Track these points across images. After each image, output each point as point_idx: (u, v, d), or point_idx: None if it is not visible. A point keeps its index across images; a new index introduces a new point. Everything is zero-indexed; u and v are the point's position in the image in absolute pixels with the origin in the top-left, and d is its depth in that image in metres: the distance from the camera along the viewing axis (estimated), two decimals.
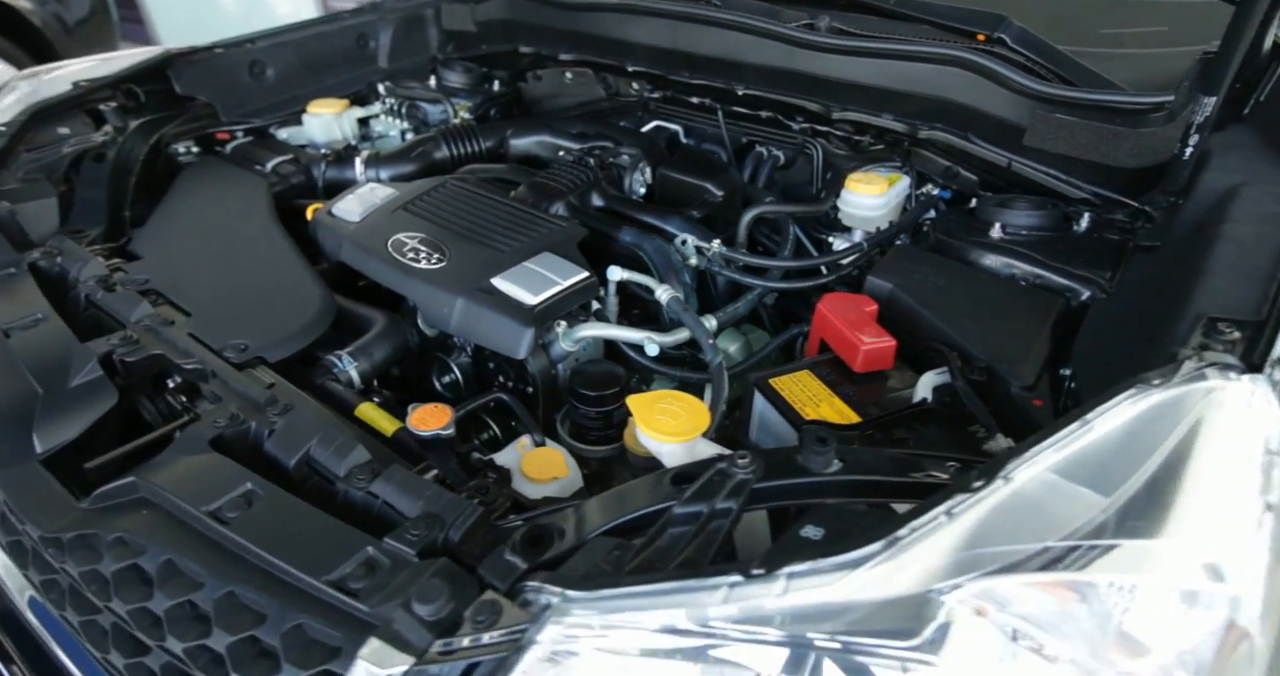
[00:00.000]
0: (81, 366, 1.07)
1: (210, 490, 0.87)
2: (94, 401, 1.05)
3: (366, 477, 0.90)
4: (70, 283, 1.28)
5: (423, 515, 0.83)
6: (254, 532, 0.82)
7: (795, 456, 0.79)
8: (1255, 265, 0.99)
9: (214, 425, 0.97)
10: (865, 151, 1.71)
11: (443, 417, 1.02)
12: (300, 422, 0.96)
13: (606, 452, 1.20)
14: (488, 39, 2.19)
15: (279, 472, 0.94)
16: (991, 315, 1.20)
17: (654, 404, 0.94)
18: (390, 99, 2.12)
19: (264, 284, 1.31)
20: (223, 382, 1.06)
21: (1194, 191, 1.23)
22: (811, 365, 1.17)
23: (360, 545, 0.80)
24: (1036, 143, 1.40)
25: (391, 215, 1.42)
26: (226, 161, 1.82)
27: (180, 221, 1.52)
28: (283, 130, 2.05)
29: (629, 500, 0.81)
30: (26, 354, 1.08)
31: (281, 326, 1.19)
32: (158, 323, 1.15)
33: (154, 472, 0.91)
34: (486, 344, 1.23)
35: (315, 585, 0.77)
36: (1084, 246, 1.35)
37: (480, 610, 0.67)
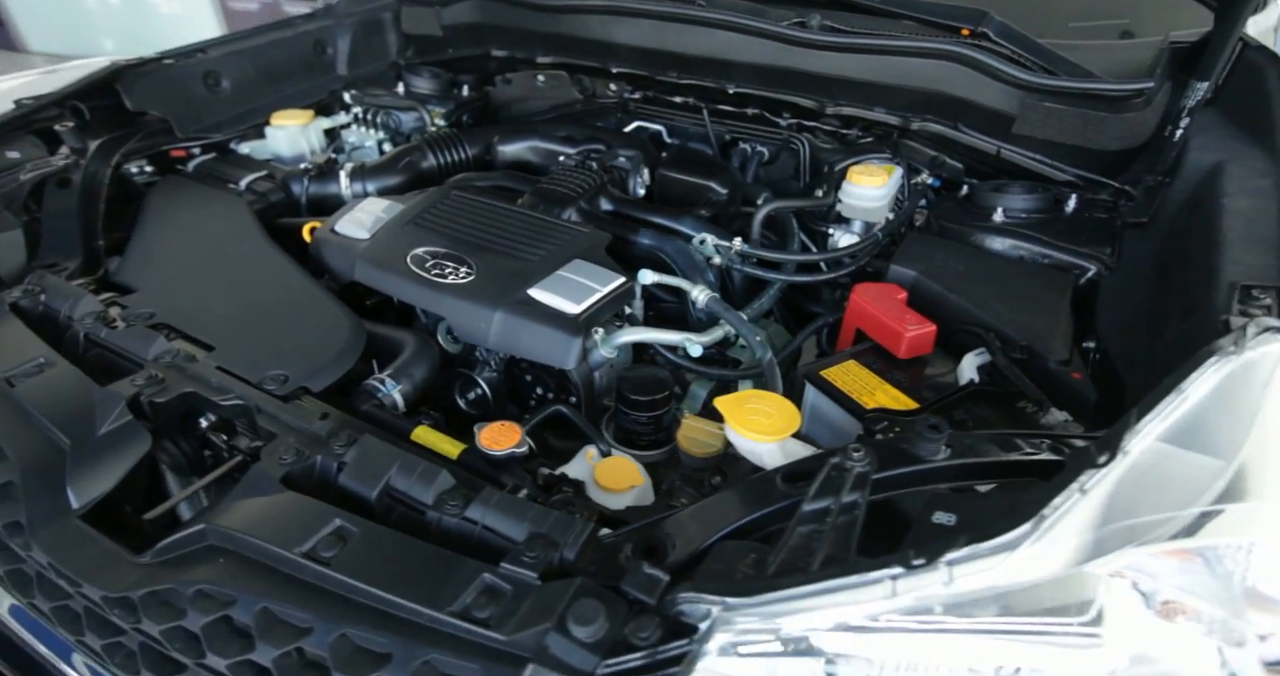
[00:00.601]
0: (107, 412, 0.99)
1: (298, 530, 0.83)
2: (126, 448, 0.98)
3: (459, 503, 0.87)
4: (63, 322, 1.19)
5: (532, 536, 0.82)
6: (358, 570, 0.79)
7: (902, 445, 0.81)
8: (1262, 235, 1.08)
9: (280, 462, 0.92)
10: (853, 145, 1.77)
11: (514, 435, 1.00)
12: (373, 453, 0.93)
13: (657, 457, 1.20)
14: (455, 43, 2.13)
15: (359, 506, 0.91)
16: (1014, 295, 1.26)
17: (742, 405, 0.95)
18: (359, 108, 2.04)
19: (281, 310, 1.25)
20: (272, 417, 1.01)
21: (1180, 170, 1.33)
22: (855, 355, 1.21)
23: (474, 573, 0.78)
24: (1026, 130, 1.48)
25: (403, 230, 1.38)
26: (192, 181, 1.71)
27: (166, 248, 1.42)
28: (244, 145, 1.94)
29: (743, 502, 0.82)
30: (41, 403, 1.00)
31: (314, 353, 1.14)
32: (181, 358, 1.08)
33: (226, 517, 0.86)
34: (530, 356, 1.21)
35: (438, 618, 0.75)
36: (1078, 225, 1.44)
37: (641, 627, 0.67)
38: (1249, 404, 0.73)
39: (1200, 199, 1.26)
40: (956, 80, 1.49)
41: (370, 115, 2.00)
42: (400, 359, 1.20)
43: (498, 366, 1.33)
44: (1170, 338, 1.03)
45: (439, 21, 2.09)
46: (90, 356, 1.14)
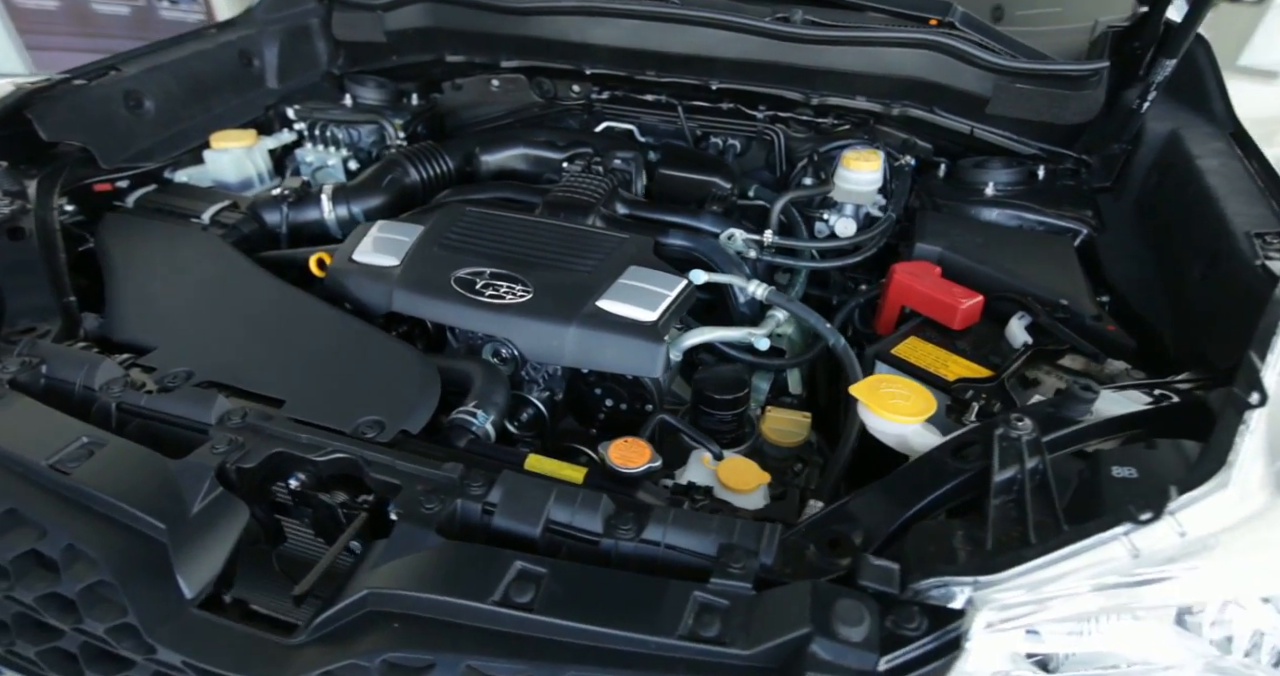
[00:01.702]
0: (196, 486, 0.88)
1: (478, 580, 0.79)
2: (226, 524, 0.88)
3: (631, 526, 0.85)
4: (79, 394, 1.03)
5: (724, 548, 0.82)
6: (564, 610, 0.76)
7: (1050, 409, 0.88)
8: (1244, 188, 1.25)
9: (426, 512, 0.86)
10: (827, 133, 1.85)
11: (644, 451, 0.99)
12: (522, 489, 0.88)
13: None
14: (401, 49, 2.01)
15: (520, 546, 0.86)
16: (1032, 260, 1.38)
17: (877, 390, 0.98)
18: (304, 124, 1.89)
19: (334, 351, 1.15)
20: (386, 467, 0.93)
21: (1142, 138, 1.50)
22: (913, 331, 1.28)
23: (684, 593, 0.77)
24: (1000, 110, 1.61)
25: (434, 253, 1.30)
26: (144, 219, 1.52)
27: (158, 296, 1.26)
28: (180, 173, 1.75)
29: (918, 483, 0.85)
30: (110, 487, 0.88)
31: (393, 393, 1.06)
32: (255, 417, 0.98)
33: (388, 578, 0.80)
34: (611, 368, 1.19)
35: (668, 644, 0.74)
36: (1056, 193, 1.59)
37: (905, 618, 0.69)
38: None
39: (1170, 162, 1.43)
40: (934, 67, 1.60)
41: (323, 131, 1.86)
42: (477, 387, 1.13)
43: (548, 384, 1.29)
44: (1199, 283, 1.16)
45: (382, 27, 1.96)
46: (131, 428, 1.00)
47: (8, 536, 0.86)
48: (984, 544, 0.74)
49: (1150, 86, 1.45)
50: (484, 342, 1.27)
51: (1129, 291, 1.30)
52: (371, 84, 1.99)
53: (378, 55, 2.05)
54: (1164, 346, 1.18)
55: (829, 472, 1.13)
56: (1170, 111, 1.53)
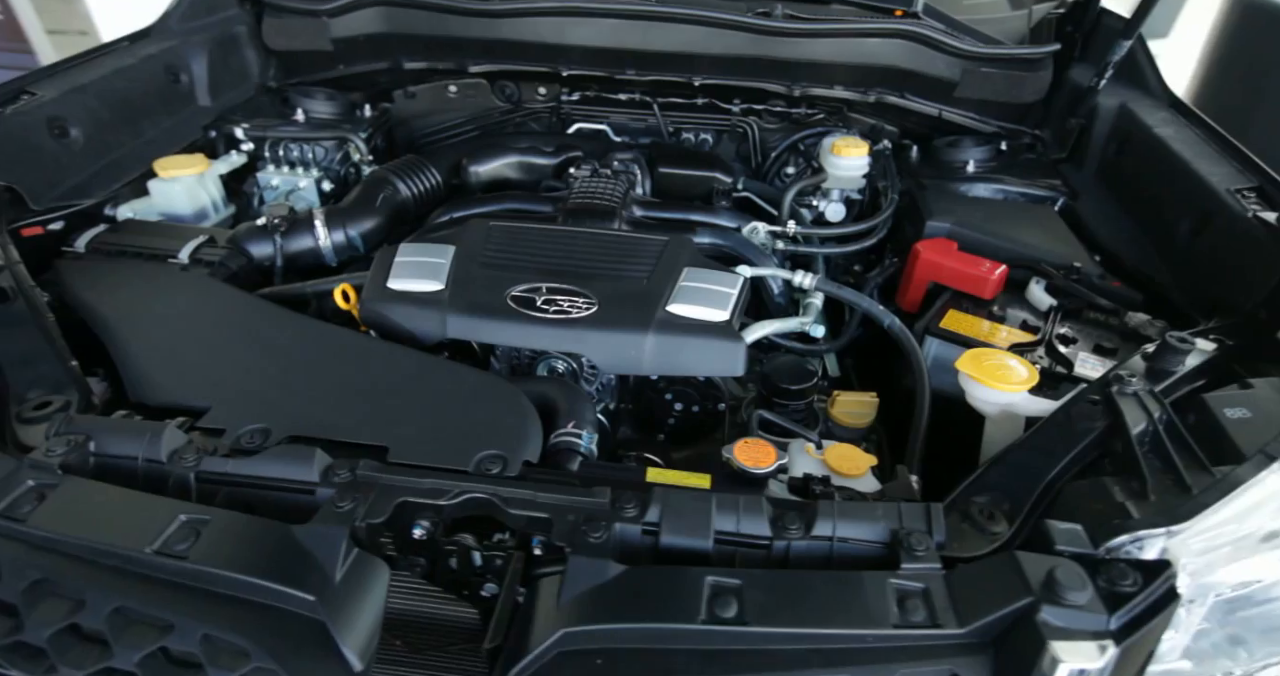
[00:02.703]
0: (332, 551, 0.80)
1: (681, 602, 0.77)
2: (372, 585, 0.81)
3: (799, 525, 0.86)
4: (144, 469, 0.91)
5: (896, 531, 0.84)
6: (773, 617, 0.76)
7: (1148, 362, 0.97)
8: (1203, 152, 1.41)
9: (594, 542, 0.83)
10: (800, 122, 1.91)
11: (770, 450, 0.99)
12: (680, 504, 0.87)
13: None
14: (350, 57, 1.88)
15: (690, 561, 0.85)
16: (1029, 228, 1.50)
17: (981, 362, 1.03)
18: (271, 146, 1.73)
19: (407, 388, 1.07)
20: (526, 502, 0.89)
21: (1096, 113, 1.66)
22: (950, 304, 1.35)
23: (880, 583, 0.79)
24: (967, 93, 1.72)
25: (478, 272, 1.24)
26: (106, 263, 1.35)
27: (177, 349, 1.12)
28: (124, 207, 1.56)
29: (1053, 445, 0.91)
30: (241, 566, 0.78)
31: (493, 424, 1.01)
32: (368, 468, 0.90)
33: (579, 615, 0.77)
34: (692, 371, 1.18)
35: (886, 635, 0.75)
36: (1023, 166, 1.73)
37: (1118, 575, 0.72)
38: None
39: (1128, 132, 1.59)
40: (908, 55, 1.69)
41: (287, 152, 1.71)
42: (568, 407, 1.10)
43: (601, 395, 1.27)
44: (1190, 238, 1.31)
45: (327, 34, 1.82)
46: (221, 498, 0.90)
47: (125, 637, 0.75)
48: (1145, 495, 0.81)
49: (1108, 65, 1.60)
50: (533, 361, 1.23)
51: (1117, 250, 1.44)
52: (321, 96, 1.85)
53: (321, 65, 1.91)
54: (1168, 297, 1.31)
55: (912, 447, 1.18)
56: (1112, 88, 1.69)
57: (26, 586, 0.77)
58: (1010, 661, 0.71)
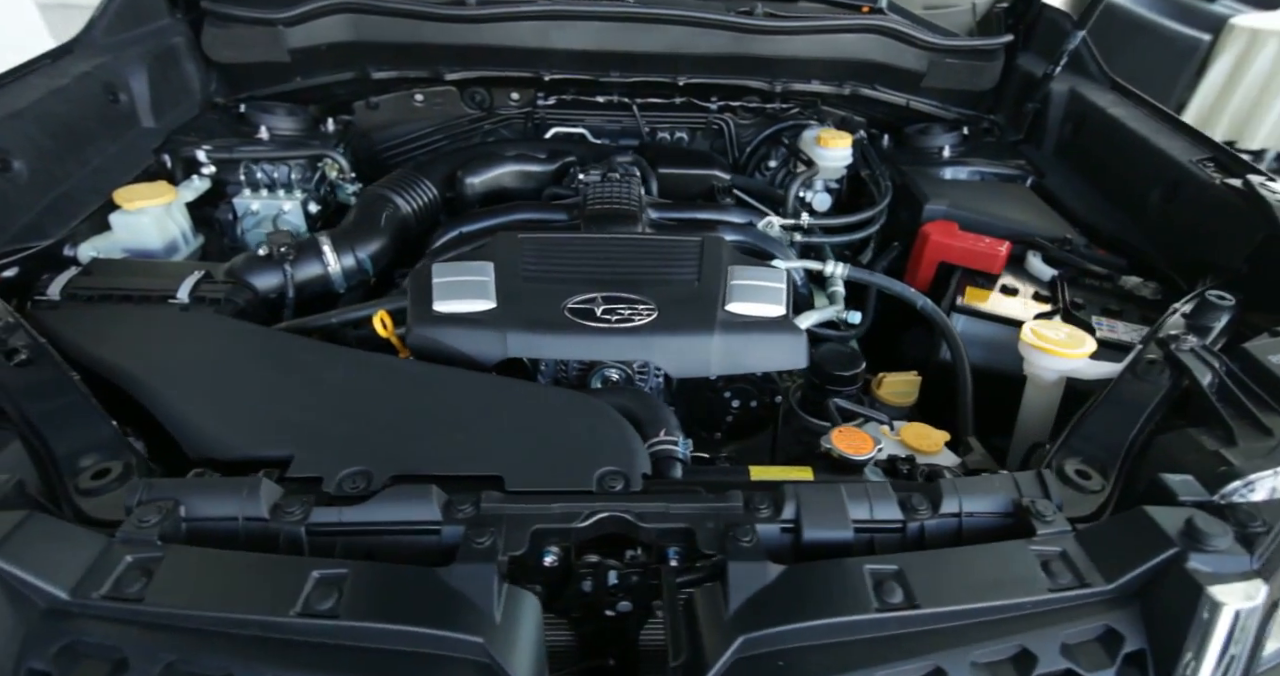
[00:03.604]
0: (485, 589, 0.77)
1: (849, 595, 0.79)
2: (528, 619, 0.78)
3: (927, 505, 0.90)
4: (245, 529, 0.83)
5: (1017, 501, 0.89)
6: (945, 597, 0.79)
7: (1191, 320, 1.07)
8: (1156, 128, 1.56)
9: (745, 546, 0.83)
10: (774, 117, 1.96)
11: (866, 437, 1.03)
12: (815, 499, 0.88)
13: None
14: (308, 68, 1.76)
15: (832, 552, 0.87)
16: (1013, 206, 1.61)
17: (1044, 334, 1.10)
18: (244, 168, 1.60)
19: (490, 412, 1.02)
20: (659, 515, 0.88)
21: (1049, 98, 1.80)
22: (965, 281, 1.43)
23: (1019, 551, 0.84)
24: (933, 83, 1.83)
25: (526, 287, 1.20)
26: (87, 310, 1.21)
27: (226, 397, 1.02)
28: (84, 246, 1.40)
29: (1130, 405, 0.99)
30: (401, 618, 0.74)
31: (594, 440, 0.99)
32: (491, 500, 0.86)
33: (754, 619, 0.77)
34: (757, 368, 1.20)
35: (1041, 600, 0.80)
36: (987, 148, 1.85)
37: (1246, 519, 0.79)
38: None
39: (1083, 114, 1.73)
40: (880, 48, 1.77)
41: (267, 175, 1.58)
42: (653, 416, 1.09)
43: (690, 390, 1.28)
44: (1163, 206, 1.45)
45: (284, 45, 1.70)
46: (340, 549, 0.83)
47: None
48: (1232, 441, 0.89)
49: (1063, 53, 1.74)
50: (582, 372, 1.21)
51: (1092, 221, 1.57)
52: (281, 112, 1.72)
53: (275, 77, 1.78)
54: (1148, 261, 1.45)
55: (963, 419, 1.25)
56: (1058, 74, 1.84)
57: (160, 671, 0.70)
58: (1161, 610, 0.77)
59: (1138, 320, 1.33)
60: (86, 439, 0.90)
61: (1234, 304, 1.08)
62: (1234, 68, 4.18)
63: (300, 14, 1.65)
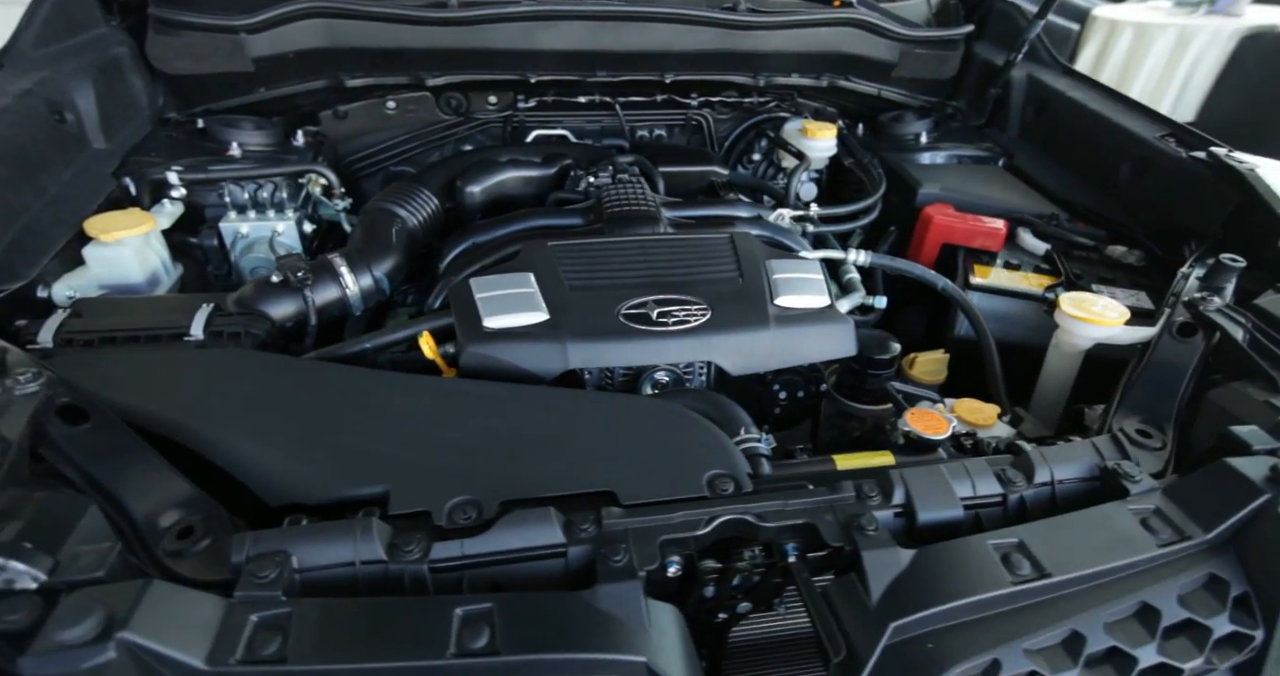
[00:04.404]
0: (634, 610, 0.74)
1: (982, 571, 0.81)
2: (677, 632, 0.77)
3: (1021, 477, 0.94)
4: (365, 572, 0.78)
5: (1102, 464, 0.95)
6: (1068, 565, 0.82)
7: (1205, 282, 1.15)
8: (1114, 108, 1.67)
9: (871, 536, 0.84)
10: (750, 110, 1.99)
11: (940, 418, 1.06)
12: (923, 483, 0.90)
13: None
14: (276, 78, 1.64)
15: (945, 533, 0.89)
16: (995, 186, 1.69)
17: (1082, 305, 1.17)
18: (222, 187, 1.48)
19: (575, 427, 0.99)
20: (776, 513, 0.88)
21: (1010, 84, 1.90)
22: (970, 260, 1.50)
23: (1119, 512, 0.88)
24: (904, 72, 1.89)
25: (574, 296, 1.17)
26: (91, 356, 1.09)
27: (290, 437, 0.95)
28: (58, 285, 1.27)
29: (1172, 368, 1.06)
30: (560, 645, 0.71)
31: (688, 444, 0.97)
32: (612, 516, 0.84)
33: (899, 606, 0.78)
34: (811, 359, 1.21)
35: (1152, 557, 0.84)
36: (957, 132, 1.94)
37: None
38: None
39: (1044, 98, 1.84)
40: (855, 41, 1.82)
41: (254, 196, 1.47)
42: (726, 414, 1.09)
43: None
44: (1133, 180, 1.55)
45: (247, 53, 1.58)
46: (467, 582, 0.79)
47: None
48: (1279, 390, 0.97)
49: (1024, 42, 1.84)
50: (629, 378, 1.19)
51: (1066, 197, 1.68)
52: (249, 126, 1.61)
53: (236, 88, 1.65)
54: (1125, 231, 1.56)
55: (998, 390, 1.31)
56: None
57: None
58: (1258, 554, 0.84)
59: (1131, 286, 1.43)
60: (162, 496, 0.82)
61: (1245, 265, 1.17)
62: (1098, 56, 4.56)
63: (266, 20, 1.54)
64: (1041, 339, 1.40)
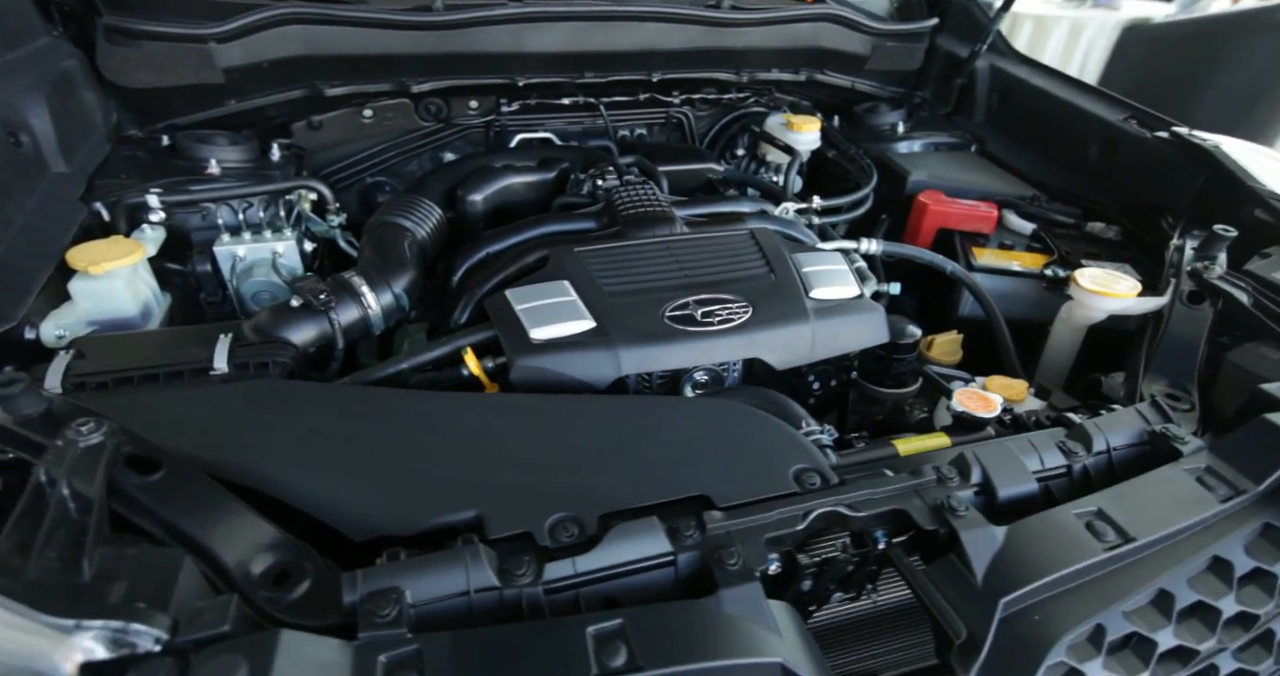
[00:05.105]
0: (758, 611, 0.75)
1: (1073, 543, 0.85)
2: (799, 628, 0.78)
3: (1080, 446, 0.98)
4: (481, 600, 0.75)
5: (1150, 430, 1.00)
6: (1148, 527, 0.86)
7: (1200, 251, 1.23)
8: (1077, 92, 1.77)
9: (963, 517, 0.87)
10: (729, 106, 2.01)
11: (989, 399, 1.10)
12: (996, 461, 0.93)
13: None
14: (248, 89, 1.54)
15: (1028, 505, 0.93)
16: (974, 171, 1.76)
17: (1097, 280, 1.23)
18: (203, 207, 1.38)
19: (639, 432, 0.98)
20: (865, 502, 0.89)
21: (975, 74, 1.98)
22: (967, 243, 1.56)
23: (1177, 473, 0.93)
24: (876, 65, 1.95)
25: (617, 302, 1.16)
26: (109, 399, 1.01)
27: (362, 469, 0.90)
28: (46, 324, 1.16)
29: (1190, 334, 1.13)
30: (696, 656, 0.71)
31: (763, 441, 0.98)
32: (714, 520, 0.84)
33: (1005, 582, 0.81)
34: (848, 348, 1.23)
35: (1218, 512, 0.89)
36: (927, 121, 2.01)
37: None
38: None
39: (1008, 87, 1.93)
40: (830, 35, 1.86)
41: (247, 216, 1.38)
42: (784, 409, 1.10)
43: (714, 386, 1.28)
44: (1101, 160, 1.65)
45: (216, 64, 1.48)
46: (582, 602, 0.77)
47: None
48: None
49: (988, 34, 1.91)
50: (667, 380, 1.19)
51: (1038, 178, 1.77)
52: (223, 140, 1.51)
53: (200, 101, 1.54)
54: (1097, 209, 1.65)
55: (1014, 365, 1.37)
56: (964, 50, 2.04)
57: None
58: None
59: (1114, 260, 1.52)
60: (250, 542, 0.77)
61: (1236, 234, 1.26)
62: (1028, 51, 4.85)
63: (239, 28, 1.45)
64: (1040, 314, 1.48)
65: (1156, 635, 0.81)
